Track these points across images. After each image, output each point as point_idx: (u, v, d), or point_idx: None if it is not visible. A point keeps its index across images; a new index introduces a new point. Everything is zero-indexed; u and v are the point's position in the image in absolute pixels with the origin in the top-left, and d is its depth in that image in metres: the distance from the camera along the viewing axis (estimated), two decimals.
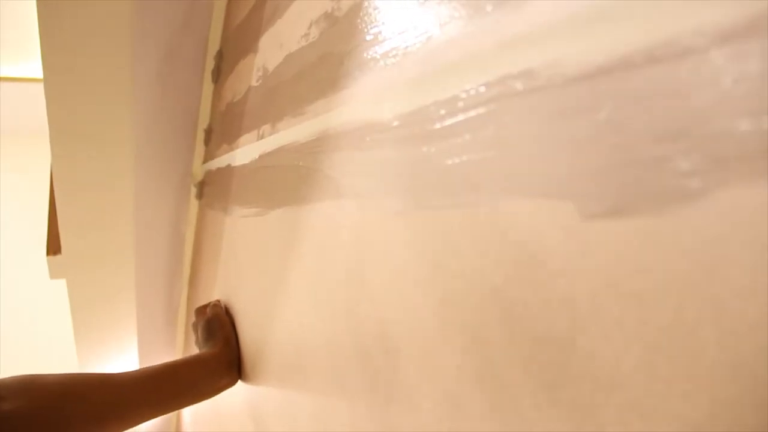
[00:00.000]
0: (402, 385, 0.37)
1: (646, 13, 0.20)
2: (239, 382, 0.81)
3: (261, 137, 0.72)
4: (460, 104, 0.31)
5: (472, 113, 0.30)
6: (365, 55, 0.43)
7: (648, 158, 0.20)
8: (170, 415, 1.50)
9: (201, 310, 0.92)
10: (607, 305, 0.22)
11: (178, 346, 1.42)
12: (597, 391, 0.23)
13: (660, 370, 0.20)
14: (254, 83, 0.79)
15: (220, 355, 0.78)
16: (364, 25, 0.44)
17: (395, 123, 0.38)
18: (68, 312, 1.17)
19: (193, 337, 1.27)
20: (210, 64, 1.11)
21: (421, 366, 0.35)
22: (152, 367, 0.72)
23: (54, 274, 1.16)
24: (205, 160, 1.15)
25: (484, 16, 0.29)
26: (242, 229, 0.81)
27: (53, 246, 1.14)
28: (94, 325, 1.18)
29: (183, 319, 1.38)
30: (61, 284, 1.17)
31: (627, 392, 0.21)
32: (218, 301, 0.93)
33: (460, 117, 0.31)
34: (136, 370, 0.70)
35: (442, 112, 0.32)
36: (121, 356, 1.25)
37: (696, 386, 0.19)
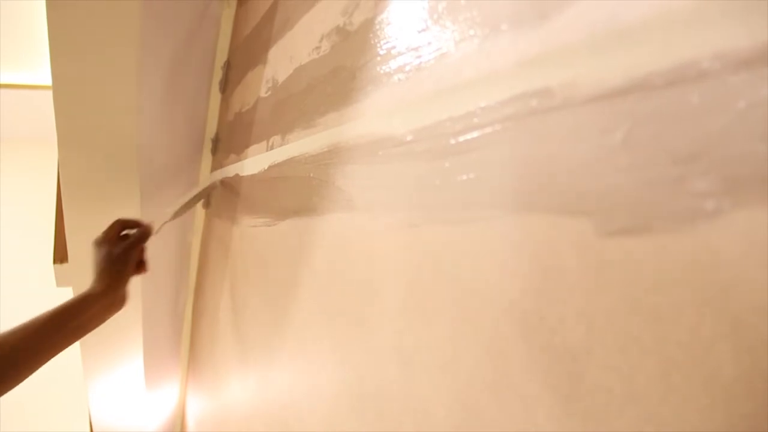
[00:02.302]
0: (415, 395, 0.37)
1: (665, 36, 0.21)
2: (236, 384, 0.84)
3: (270, 148, 0.73)
4: (476, 120, 0.31)
5: (488, 129, 0.30)
6: (378, 69, 0.44)
7: (664, 178, 0.21)
8: (175, 417, 1.49)
9: (112, 234, 0.85)
10: (624, 320, 0.23)
11: (183, 354, 1.42)
12: (612, 403, 0.23)
13: (676, 384, 0.20)
14: (263, 94, 0.80)
15: (107, 293, 0.80)
16: (377, 40, 0.45)
17: (409, 137, 0.38)
18: None
19: (197, 346, 1.28)
20: (218, 74, 1.12)
21: (435, 376, 0.35)
22: (39, 318, 0.72)
23: (61, 282, 1.17)
24: (212, 169, 1.15)
25: (500, 35, 0.30)
26: (250, 238, 0.82)
27: (60, 254, 1.14)
28: (100, 334, 1.18)
29: (188, 327, 1.39)
30: (68, 292, 1.17)
31: (642, 404, 0.22)
32: (149, 226, 0.85)
33: (475, 133, 0.31)
34: (23, 325, 0.70)
35: (457, 127, 0.33)
36: (127, 364, 1.25)
37: (712, 401, 0.19)
